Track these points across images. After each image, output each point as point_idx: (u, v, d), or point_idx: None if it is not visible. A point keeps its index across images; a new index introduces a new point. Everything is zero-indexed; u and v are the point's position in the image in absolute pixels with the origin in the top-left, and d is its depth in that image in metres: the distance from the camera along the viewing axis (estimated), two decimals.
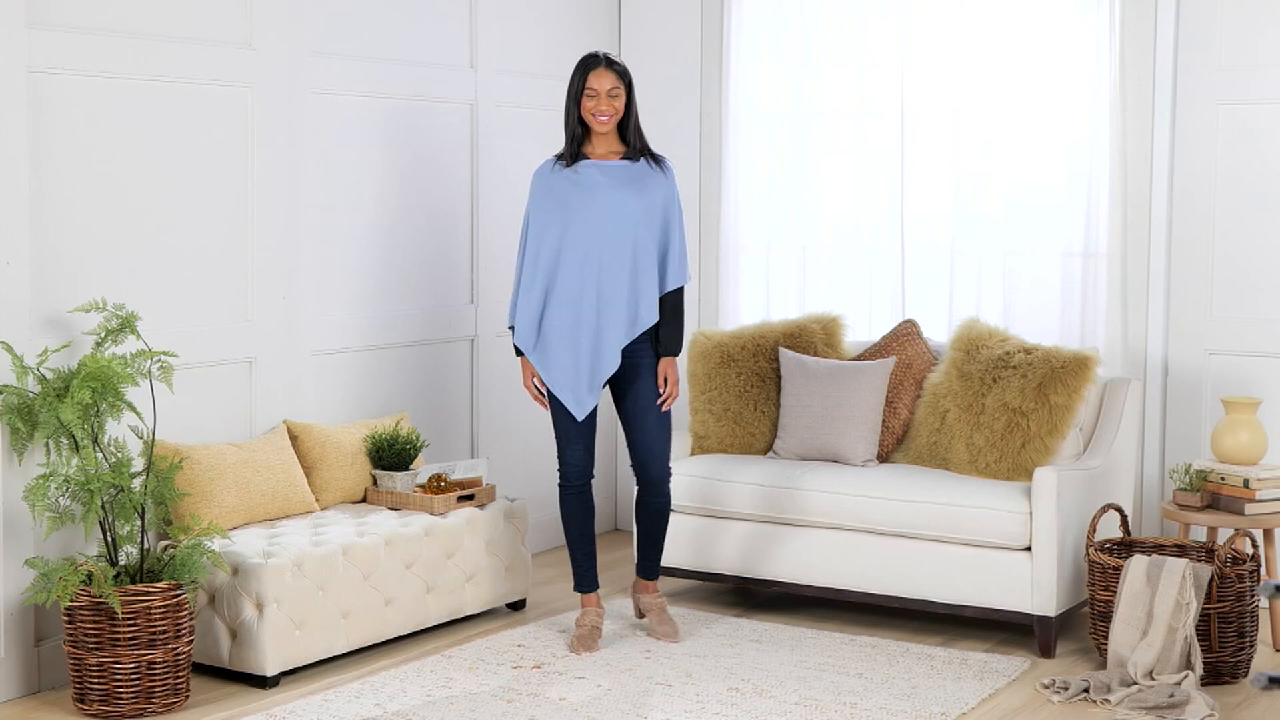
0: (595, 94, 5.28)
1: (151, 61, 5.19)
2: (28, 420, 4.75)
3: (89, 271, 5.06)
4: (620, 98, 5.29)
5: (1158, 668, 4.96)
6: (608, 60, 5.29)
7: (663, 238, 5.34)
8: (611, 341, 5.27)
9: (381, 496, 5.69)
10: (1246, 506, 5.39)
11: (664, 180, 5.36)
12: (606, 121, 5.29)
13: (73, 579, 4.62)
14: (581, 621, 5.44)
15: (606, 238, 5.27)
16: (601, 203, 5.28)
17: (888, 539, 5.58)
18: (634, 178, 5.33)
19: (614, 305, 5.27)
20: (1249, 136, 6.00)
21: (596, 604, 5.49)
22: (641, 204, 5.30)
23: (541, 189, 5.36)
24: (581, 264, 5.27)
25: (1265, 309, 6.00)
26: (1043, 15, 6.27)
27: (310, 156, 5.75)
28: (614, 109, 5.28)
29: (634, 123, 5.34)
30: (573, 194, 5.30)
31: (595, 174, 5.32)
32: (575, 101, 5.30)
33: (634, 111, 5.34)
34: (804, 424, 5.96)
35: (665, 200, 5.35)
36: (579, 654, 5.30)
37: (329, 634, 5.11)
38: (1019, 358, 5.67)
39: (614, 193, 5.30)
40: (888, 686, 5.02)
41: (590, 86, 5.27)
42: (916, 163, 6.54)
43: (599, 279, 5.27)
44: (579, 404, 5.29)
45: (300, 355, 5.73)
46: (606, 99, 5.27)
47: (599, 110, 5.28)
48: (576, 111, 5.31)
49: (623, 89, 5.30)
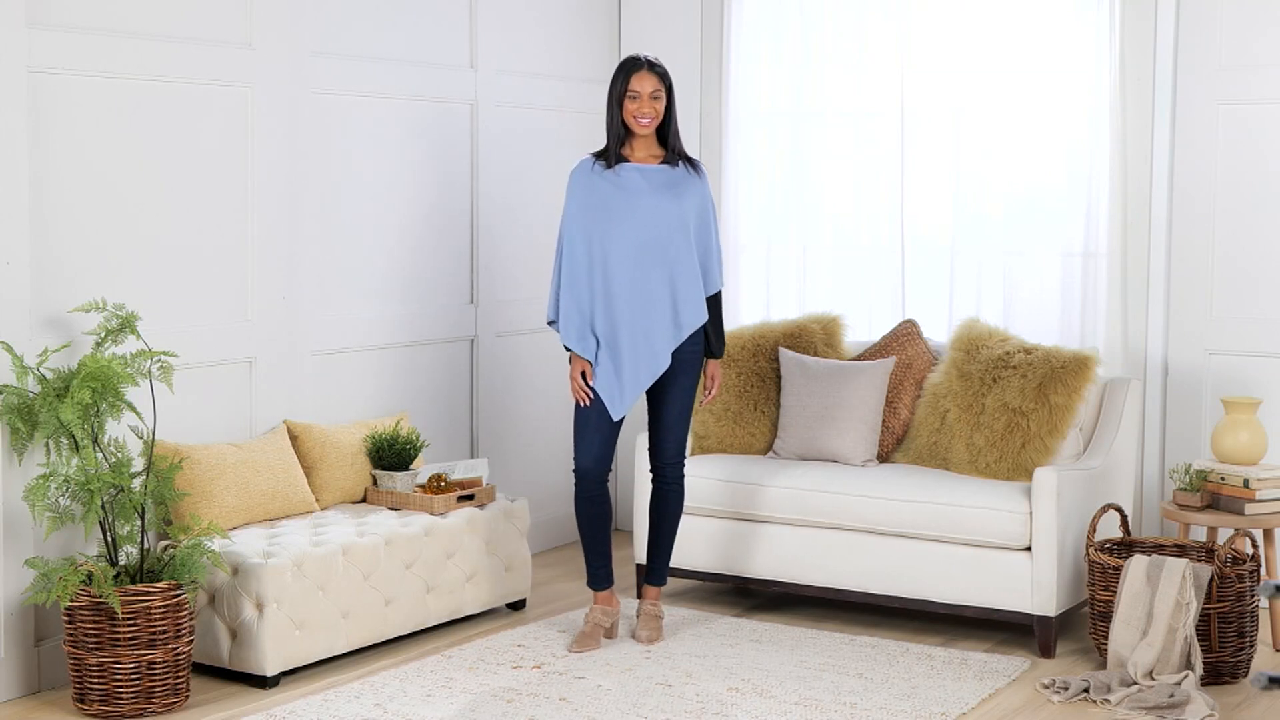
0: (638, 96, 5.29)
1: (151, 61, 5.19)
2: (28, 420, 4.75)
3: (89, 271, 5.06)
4: (661, 100, 5.32)
5: (1158, 668, 4.96)
6: (649, 63, 5.32)
7: (702, 242, 5.40)
8: (660, 345, 5.32)
9: (381, 496, 5.69)
10: (1246, 506, 5.39)
11: (700, 185, 5.41)
12: (648, 124, 5.31)
13: (73, 579, 4.62)
14: (587, 618, 5.46)
15: (648, 242, 5.30)
16: (644, 207, 5.31)
17: (888, 539, 5.58)
18: (673, 182, 5.36)
19: (658, 309, 5.31)
20: (1249, 136, 6.00)
21: (607, 602, 5.50)
22: (680, 209, 5.34)
23: (582, 188, 5.37)
24: (624, 267, 5.30)
25: (1265, 309, 6.00)
26: (1043, 15, 6.27)
27: (310, 156, 5.75)
28: (655, 111, 5.31)
29: (674, 126, 5.38)
30: (615, 197, 5.33)
31: (637, 178, 5.34)
32: (618, 103, 5.32)
33: (674, 115, 5.38)
34: (804, 424, 5.96)
35: (701, 205, 5.40)
36: (575, 652, 5.30)
37: (329, 634, 5.11)
38: (1019, 358, 5.68)
39: (654, 198, 5.33)
40: (888, 686, 5.02)
41: (633, 89, 5.29)
42: (916, 163, 6.54)
43: (642, 283, 5.30)
44: (619, 404, 5.32)
45: (300, 355, 5.73)
46: (649, 101, 5.29)
47: (641, 112, 5.30)
48: (619, 114, 5.33)
49: (664, 92, 5.32)
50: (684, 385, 5.44)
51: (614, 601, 5.51)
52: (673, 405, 5.45)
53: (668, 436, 5.49)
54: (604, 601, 5.49)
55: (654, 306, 5.31)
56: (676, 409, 5.46)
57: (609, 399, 5.31)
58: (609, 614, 5.48)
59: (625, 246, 5.30)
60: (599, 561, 5.48)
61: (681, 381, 5.43)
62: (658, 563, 5.59)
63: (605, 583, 5.49)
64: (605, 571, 5.49)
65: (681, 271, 5.34)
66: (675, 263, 5.33)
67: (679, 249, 5.34)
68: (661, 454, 5.51)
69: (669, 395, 5.44)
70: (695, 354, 5.43)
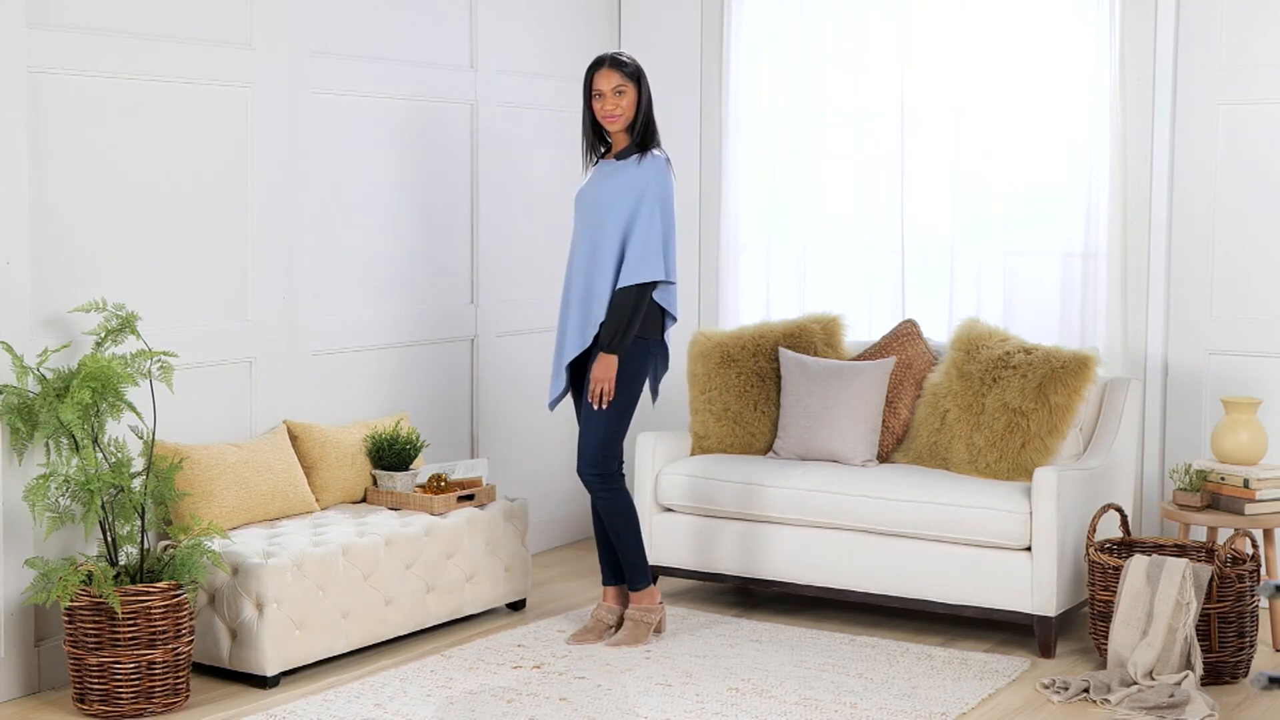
0: (601, 95, 5.31)
1: (151, 61, 5.19)
2: (28, 420, 4.75)
3: (89, 271, 5.06)
4: (627, 95, 5.29)
5: (1158, 668, 4.96)
6: (613, 59, 5.30)
7: (629, 231, 5.27)
8: (570, 343, 5.34)
9: (381, 496, 5.69)
10: (1246, 506, 5.39)
11: (637, 173, 5.28)
12: (616, 121, 5.31)
13: (73, 579, 4.62)
14: (593, 613, 5.51)
15: (581, 237, 5.35)
16: (586, 202, 5.36)
17: (888, 539, 5.58)
18: (613, 173, 5.34)
19: (574, 306, 5.34)
20: (1249, 136, 6.00)
21: (613, 600, 5.51)
22: (609, 199, 5.30)
23: (578, 194, 5.45)
24: (574, 269, 5.36)
25: (1265, 309, 6.00)
26: (1043, 15, 6.27)
27: (310, 156, 5.75)
28: (621, 108, 5.29)
29: (640, 120, 5.33)
30: (582, 197, 5.39)
31: (596, 173, 5.39)
32: (587, 105, 5.34)
33: (642, 108, 5.33)
34: (804, 424, 5.96)
35: (637, 193, 5.26)
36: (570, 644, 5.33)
37: (329, 634, 5.11)
38: (1019, 358, 5.68)
39: (593, 191, 5.35)
40: (888, 686, 5.02)
41: (596, 87, 5.31)
42: (916, 163, 6.54)
43: (574, 279, 5.35)
44: (551, 393, 5.44)
45: (300, 355, 5.73)
46: (612, 98, 5.28)
47: (605, 111, 5.30)
48: (590, 114, 5.35)
49: (630, 86, 5.29)
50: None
51: (622, 599, 5.51)
52: (583, 409, 5.38)
53: (579, 450, 5.37)
54: (610, 598, 5.51)
55: (580, 306, 5.33)
56: (582, 418, 5.38)
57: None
58: (613, 611, 5.48)
59: (577, 248, 5.36)
60: (605, 556, 5.50)
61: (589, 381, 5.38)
62: (622, 569, 5.49)
63: (612, 579, 5.50)
64: (613, 568, 5.50)
65: (597, 264, 5.29)
66: (595, 256, 5.30)
67: (600, 242, 5.28)
68: (578, 467, 5.38)
69: (582, 400, 5.40)
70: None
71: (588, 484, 5.37)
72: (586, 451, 5.33)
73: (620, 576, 5.48)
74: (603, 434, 5.30)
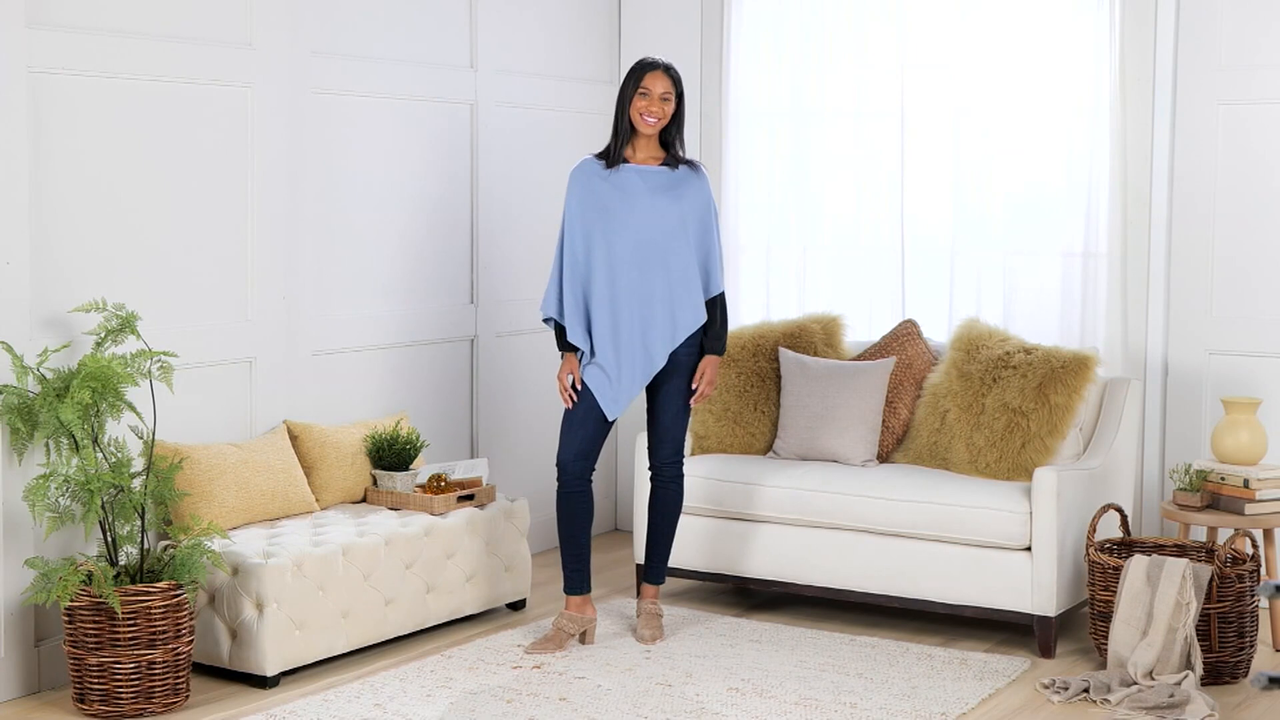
0: (648, 94, 5.31)
1: (151, 61, 5.19)
2: (28, 420, 4.75)
3: (89, 271, 5.06)
4: (671, 103, 5.34)
5: (1158, 668, 4.96)
6: (667, 66, 5.35)
7: (703, 243, 5.41)
8: (656, 347, 5.35)
9: (381, 496, 5.69)
10: (1246, 506, 5.39)
11: (701, 186, 5.41)
12: (654, 124, 5.32)
13: (73, 579, 4.62)
14: (555, 623, 5.41)
15: (646, 243, 5.32)
16: (642, 209, 5.33)
17: (888, 539, 5.58)
18: (673, 184, 5.38)
19: (656, 310, 5.33)
20: (1249, 136, 6.00)
21: (579, 608, 5.43)
22: (679, 210, 5.36)
23: (582, 188, 5.39)
24: (623, 269, 5.32)
25: (1265, 309, 6.00)
26: (1043, 15, 6.27)
27: (310, 156, 5.75)
28: (663, 112, 5.32)
29: (677, 131, 5.39)
30: (614, 199, 5.35)
31: (635, 179, 5.36)
32: (627, 102, 5.34)
33: (680, 120, 5.38)
34: (804, 424, 5.96)
35: (702, 207, 5.41)
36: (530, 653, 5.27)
37: (329, 634, 5.11)
38: (1019, 358, 5.68)
39: (653, 199, 5.34)
40: (888, 686, 5.02)
41: (645, 86, 5.31)
42: (916, 163, 6.54)
43: (640, 284, 5.32)
44: (614, 404, 5.35)
45: (300, 355, 5.73)
46: (659, 101, 5.31)
47: (649, 111, 5.31)
48: (627, 112, 5.34)
49: (674, 96, 5.34)
50: (680, 386, 5.44)
51: (588, 609, 5.44)
52: (669, 406, 5.46)
53: (664, 437, 5.49)
54: (576, 607, 5.43)
55: (651, 308, 5.33)
56: (672, 410, 5.46)
57: (604, 399, 5.32)
58: (577, 621, 5.40)
59: (623, 248, 5.32)
60: (575, 564, 5.42)
61: (677, 382, 5.44)
62: (655, 561, 5.59)
63: (580, 588, 5.43)
64: (581, 576, 5.42)
65: (679, 273, 5.35)
66: (673, 264, 5.34)
67: (677, 250, 5.35)
68: (658, 454, 5.52)
69: (666, 396, 5.45)
70: (692, 355, 5.44)
71: (670, 475, 5.52)
72: (676, 443, 5.50)
73: (589, 585, 5.45)
74: (686, 424, 5.53)
